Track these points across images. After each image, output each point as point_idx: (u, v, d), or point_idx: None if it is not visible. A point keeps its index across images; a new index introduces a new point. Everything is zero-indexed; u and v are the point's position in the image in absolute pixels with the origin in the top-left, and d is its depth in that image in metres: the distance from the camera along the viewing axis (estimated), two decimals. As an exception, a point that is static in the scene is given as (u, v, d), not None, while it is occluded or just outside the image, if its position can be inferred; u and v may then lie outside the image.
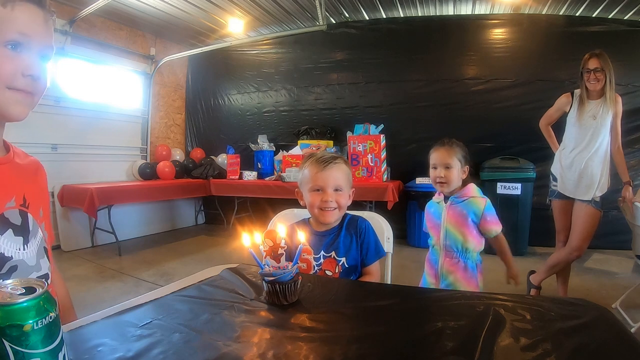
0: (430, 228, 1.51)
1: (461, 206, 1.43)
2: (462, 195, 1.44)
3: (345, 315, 0.66)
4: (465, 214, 1.41)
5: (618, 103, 2.04)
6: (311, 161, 1.13)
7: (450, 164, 1.43)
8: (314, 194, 1.10)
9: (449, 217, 1.44)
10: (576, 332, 0.56)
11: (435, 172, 1.46)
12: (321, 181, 1.09)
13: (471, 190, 1.46)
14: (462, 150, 1.47)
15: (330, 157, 1.12)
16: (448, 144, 1.48)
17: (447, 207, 1.45)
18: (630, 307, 2.13)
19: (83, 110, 3.84)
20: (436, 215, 1.49)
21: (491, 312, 0.63)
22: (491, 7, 3.83)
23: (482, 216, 1.40)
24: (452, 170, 1.43)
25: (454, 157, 1.44)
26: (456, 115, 3.87)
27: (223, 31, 4.45)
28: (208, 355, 0.50)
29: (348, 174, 1.14)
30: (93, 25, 3.87)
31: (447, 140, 1.50)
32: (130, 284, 2.68)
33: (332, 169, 1.10)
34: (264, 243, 0.73)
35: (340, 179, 1.11)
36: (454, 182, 1.44)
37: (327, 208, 1.08)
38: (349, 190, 1.14)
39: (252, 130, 4.71)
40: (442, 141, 1.51)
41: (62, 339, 0.39)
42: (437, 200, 1.53)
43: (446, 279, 1.43)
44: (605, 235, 3.05)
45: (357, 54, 4.27)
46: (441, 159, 1.45)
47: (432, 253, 1.50)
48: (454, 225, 1.43)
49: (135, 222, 4.17)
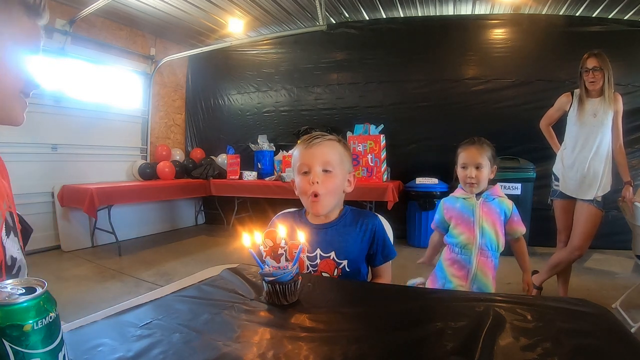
0: (459, 226, 1.41)
1: (494, 204, 1.39)
2: (493, 194, 1.41)
3: (345, 315, 0.66)
4: (498, 212, 1.38)
5: (618, 101, 2.04)
6: (300, 140, 1.00)
7: (481, 164, 1.39)
8: (302, 177, 0.96)
9: (484, 214, 1.38)
10: (576, 332, 0.56)
11: (466, 172, 1.40)
12: (307, 159, 0.95)
13: (499, 190, 1.43)
14: (491, 149, 1.43)
15: (319, 134, 0.99)
16: (478, 142, 1.42)
17: (480, 204, 1.39)
18: (630, 307, 2.13)
19: (83, 110, 3.84)
20: (466, 212, 1.40)
21: (491, 312, 0.63)
22: (491, 7, 3.83)
23: (511, 216, 1.39)
24: (483, 170, 1.39)
25: (485, 157, 1.39)
26: (456, 115, 3.87)
27: (223, 31, 4.45)
28: (208, 355, 0.50)
29: (342, 153, 0.99)
30: (93, 25, 3.87)
31: (477, 138, 1.45)
32: (130, 284, 2.68)
33: (320, 145, 0.96)
34: (264, 243, 0.73)
35: (329, 156, 0.95)
36: (484, 182, 1.40)
37: (314, 193, 0.93)
38: (343, 173, 0.98)
39: (252, 130, 4.71)
40: (472, 139, 1.45)
41: (62, 339, 0.39)
42: (464, 196, 1.43)
43: (480, 281, 1.35)
44: (605, 235, 3.04)
45: (357, 54, 4.27)
46: (472, 158, 1.39)
47: (462, 253, 1.38)
48: (490, 223, 1.37)
49: (135, 222, 4.17)
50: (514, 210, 1.39)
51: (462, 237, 1.39)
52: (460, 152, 1.45)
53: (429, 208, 3.60)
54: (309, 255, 0.96)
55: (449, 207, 1.46)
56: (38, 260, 3.16)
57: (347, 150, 1.03)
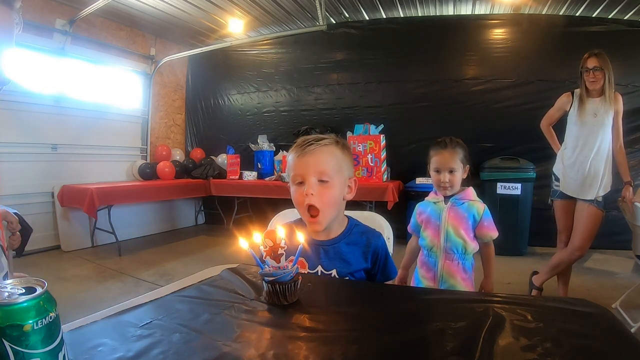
0: (427, 229, 1.45)
1: (462, 208, 1.39)
2: (463, 198, 1.41)
3: (345, 315, 0.66)
4: (466, 217, 1.38)
5: (618, 101, 2.04)
6: (295, 145, 0.92)
7: (453, 168, 1.38)
8: (296, 188, 0.88)
9: (450, 218, 1.39)
10: (576, 332, 0.56)
11: (440, 177, 1.40)
12: (300, 169, 0.87)
13: (471, 194, 1.42)
14: (463, 150, 1.42)
15: (314, 138, 0.89)
16: (450, 145, 1.41)
17: (447, 209, 1.40)
18: (630, 307, 2.13)
19: (83, 110, 3.84)
20: (434, 216, 1.43)
21: (491, 312, 0.63)
22: (491, 7, 3.83)
23: (480, 220, 1.38)
24: (456, 173, 1.39)
25: (457, 160, 1.39)
26: (456, 115, 3.87)
27: (223, 31, 4.44)
28: (208, 355, 0.50)
29: (340, 159, 0.90)
30: (93, 25, 3.87)
31: (449, 140, 1.42)
32: (130, 284, 2.68)
33: (315, 152, 0.87)
34: (263, 243, 0.73)
35: (324, 165, 0.86)
36: (457, 184, 1.40)
37: (309, 207, 0.86)
38: (342, 180, 0.90)
39: (252, 130, 4.71)
40: (443, 142, 1.42)
41: (62, 339, 0.39)
42: (435, 200, 1.45)
43: (446, 282, 1.39)
44: (605, 235, 3.04)
45: (357, 54, 4.27)
46: (445, 163, 1.39)
47: (429, 256, 1.44)
48: (455, 227, 1.38)
49: (135, 222, 4.17)
50: (485, 215, 1.38)
51: (428, 239, 1.43)
52: (433, 155, 1.44)
53: (429, 208, 3.60)
54: (310, 272, 0.92)
55: (421, 212, 1.49)
56: (38, 260, 3.17)
57: (347, 153, 0.94)
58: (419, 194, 3.64)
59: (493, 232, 1.39)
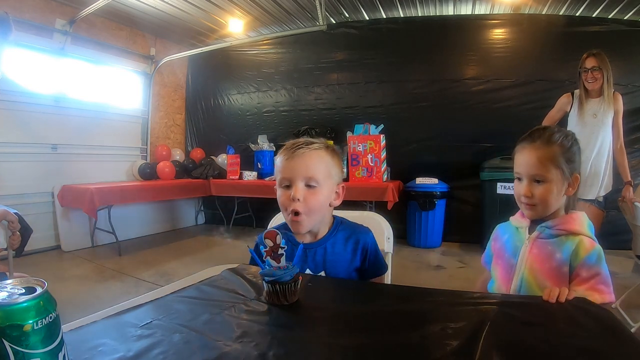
0: (497, 266, 0.97)
1: (553, 244, 0.86)
2: (558, 226, 0.87)
3: (345, 315, 0.66)
4: (554, 257, 0.85)
5: (618, 101, 2.04)
6: (283, 147, 0.90)
7: (544, 177, 0.86)
8: (283, 191, 0.86)
9: (532, 257, 0.88)
10: (576, 332, 0.56)
11: (520, 188, 0.90)
12: (288, 172, 0.85)
13: (576, 222, 0.87)
14: (564, 149, 0.87)
15: (304, 142, 0.88)
16: (541, 139, 0.88)
17: (530, 243, 0.89)
18: (630, 307, 2.13)
19: (83, 110, 3.84)
20: (510, 249, 0.93)
21: (491, 312, 0.63)
22: (491, 7, 3.83)
23: (577, 268, 0.82)
24: (548, 185, 0.86)
25: (551, 163, 0.86)
26: (456, 115, 3.87)
27: (223, 31, 4.44)
28: (208, 355, 0.50)
29: (329, 164, 0.88)
30: (93, 25, 3.87)
31: (543, 129, 0.91)
32: (130, 284, 2.68)
33: (303, 156, 0.85)
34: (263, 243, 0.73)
35: (313, 169, 0.84)
36: (550, 203, 0.87)
37: (294, 211, 0.83)
38: (330, 186, 0.88)
39: (252, 130, 4.71)
40: (532, 133, 0.91)
41: (62, 339, 0.39)
42: (518, 224, 0.95)
43: None
44: (605, 235, 3.03)
45: (357, 54, 4.27)
46: (529, 166, 0.88)
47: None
48: (534, 272, 0.86)
49: (135, 222, 4.17)
50: (589, 259, 0.80)
51: (496, 282, 0.96)
52: (515, 152, 0.94)
53: (429, 208, 3.60)
54: None
55: (497, 237, 1.01)
56: (38, 260, 3.16)
57: (336, 158, 0.91)
58: (419, 194, 3.65)
59: (602, 294, 0.78)
